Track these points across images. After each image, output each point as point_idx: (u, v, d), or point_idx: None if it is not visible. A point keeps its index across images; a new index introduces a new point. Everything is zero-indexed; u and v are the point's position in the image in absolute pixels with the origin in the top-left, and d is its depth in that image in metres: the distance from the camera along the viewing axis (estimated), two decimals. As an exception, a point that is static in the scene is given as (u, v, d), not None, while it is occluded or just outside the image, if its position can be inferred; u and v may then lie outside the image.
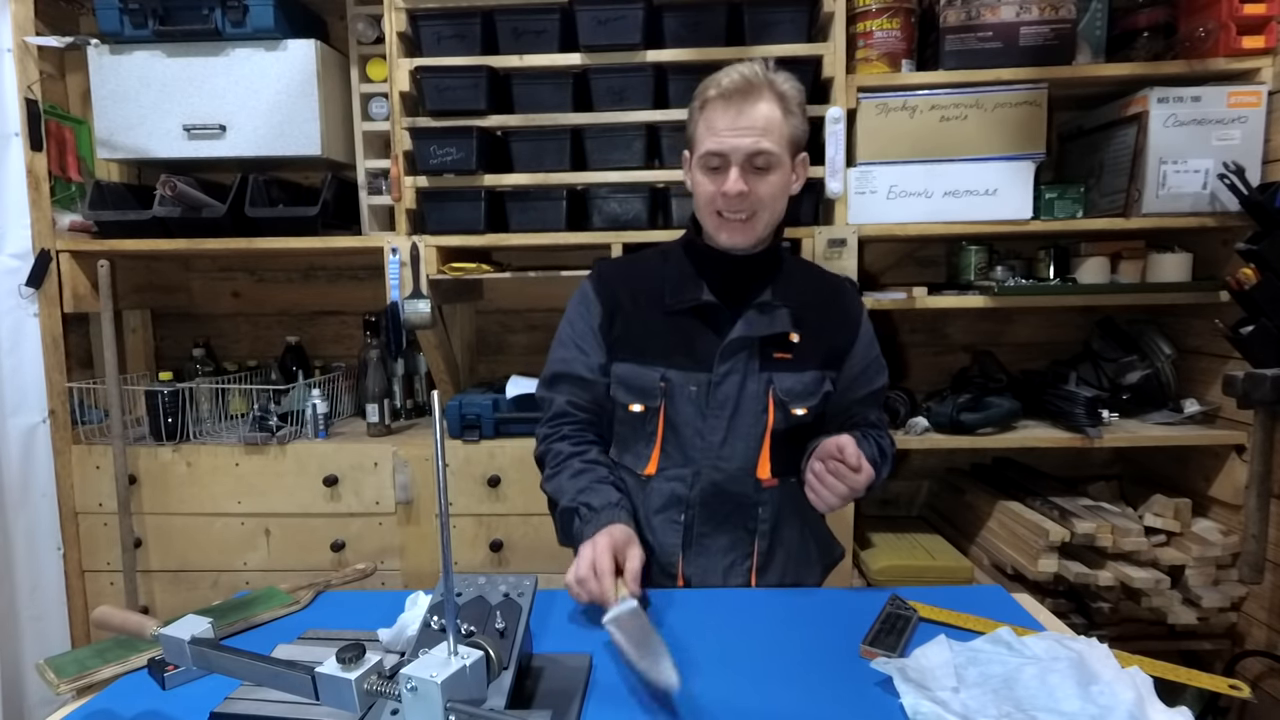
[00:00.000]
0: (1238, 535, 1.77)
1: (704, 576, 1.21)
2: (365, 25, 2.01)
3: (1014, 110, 1.82)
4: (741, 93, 1.12)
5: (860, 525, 2.04)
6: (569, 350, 1.26)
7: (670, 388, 1.20)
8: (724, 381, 1.19)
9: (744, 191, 1.13)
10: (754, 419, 1.20)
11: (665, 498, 1.22)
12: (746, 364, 1.19)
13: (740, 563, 1.22)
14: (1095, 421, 1.83)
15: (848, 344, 1.25)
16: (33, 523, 1.94)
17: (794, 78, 1.17)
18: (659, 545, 1.22)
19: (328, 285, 2.44)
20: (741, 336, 1.18)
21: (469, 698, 0.67)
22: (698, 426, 1.20)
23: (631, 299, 1.24)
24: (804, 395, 1.20)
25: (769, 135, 1.12)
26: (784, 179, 1.17)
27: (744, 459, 1.20)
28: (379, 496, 1.93)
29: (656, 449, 1.22)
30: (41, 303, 1.95)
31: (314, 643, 0.99)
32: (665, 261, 1.28)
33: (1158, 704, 0.78)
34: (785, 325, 1.19)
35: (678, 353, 1.20)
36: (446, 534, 0.69)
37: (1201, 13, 1.78)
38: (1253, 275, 1.64)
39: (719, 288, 1.21)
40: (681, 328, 1.21)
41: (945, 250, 2.22)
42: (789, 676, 0.89)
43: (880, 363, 1.29)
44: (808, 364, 1.21)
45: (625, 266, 1.35)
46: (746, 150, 1.12)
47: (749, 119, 1.11)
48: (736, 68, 1.14)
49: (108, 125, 1.99)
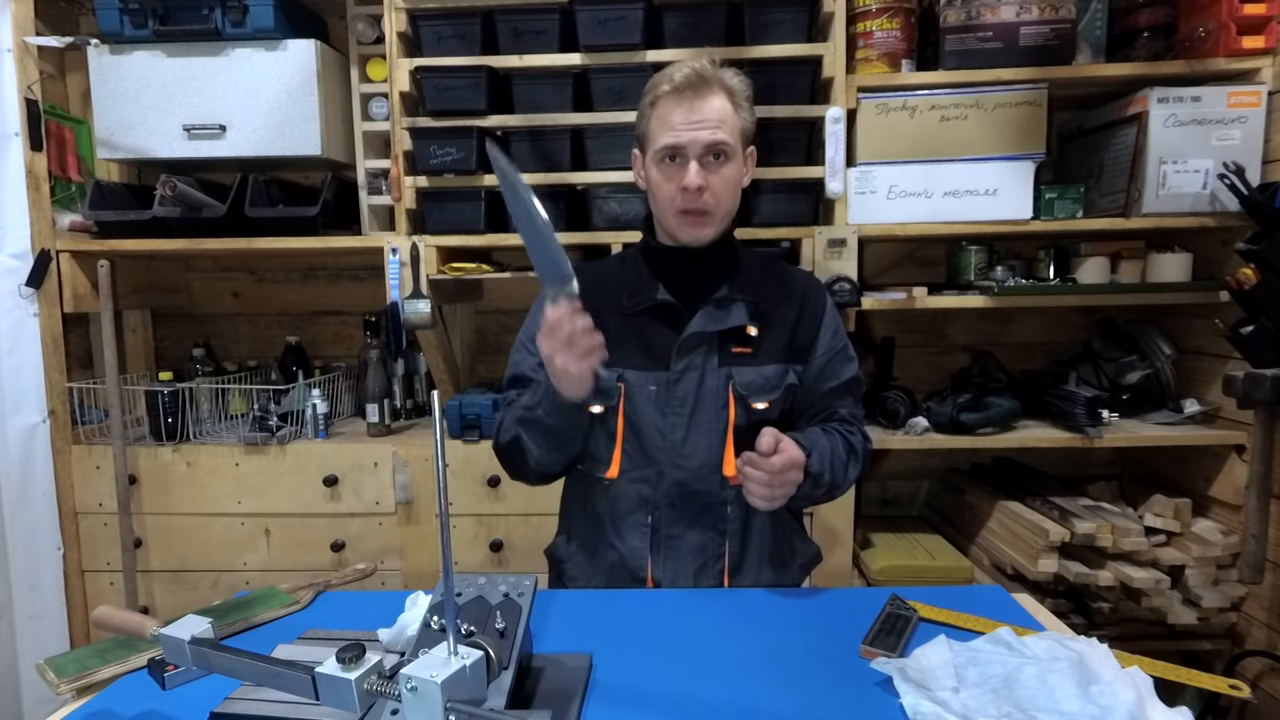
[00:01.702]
0: (1238, 535, 1.77)
1: (674, 579, 1.20)
2: (365, 25, 2.01)
3: (1014, 110, 1.82)
4: (694, 87, 1.12)
5: (860, 525, 2.04)
6: (522, 353, 1.28)
7: (628, 387, 1.20)
8: (682, 378, 1.19)
9: (703, 185, 1.13)
10: (714, 415, 1.19)
11: (631, 501, 1.21)
12: (705, 360, 1.19)
13: (712, 564, 1.21)
14: (1095, 421, 1.83)
15: (811, 336, 1.24)
16: (32, 522, 1.94)
17: (740, 73, 1.18)
18: (627, 549, 1.21)
19: (328, 285, 2.44)
20: (697, 332, 1.18)
21: (469, 698, 0.67)
22: (658, 425, 1.20)
23: (592, 304, 1.24)
24: (765, 389, 1.20)
25: (723, 127, 1.13)
26: (738, 172, 1.18)
27: (706, 456, 1.19)
28: (379, 496, 1.93)
29: (618, 450, 1.21)
30: (41, 303, 1.95)
31: (314, 643, 0.99)
32: (624, 265, 1.29)
33: (1158, 704, 0.78)
34: (741, 319, 1.19)
35: (635, 353, 1.20)
36: (446, 534, 0.69)
37: (1201, 13, 1.78)
38: (1253, 275, 1.64)
39: (675, 286, 1.21)
40: (639, 328, 1.21)
41: (945, 250, 2.22)
42: (789, 676, 0.89)
43: (848, 354, 1.27)
44: (768, 357, 1.21)
45: (586, 272, 1.34)
46: (705, 142, 1.12)
47: (703, 112, 1.12)
48: (686, 63, 1.15)
49: (108, 125, 1.99)
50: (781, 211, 1.88)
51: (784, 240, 1.91)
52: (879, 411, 1.96)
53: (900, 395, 1.96)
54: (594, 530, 1.26)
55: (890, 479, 2.37)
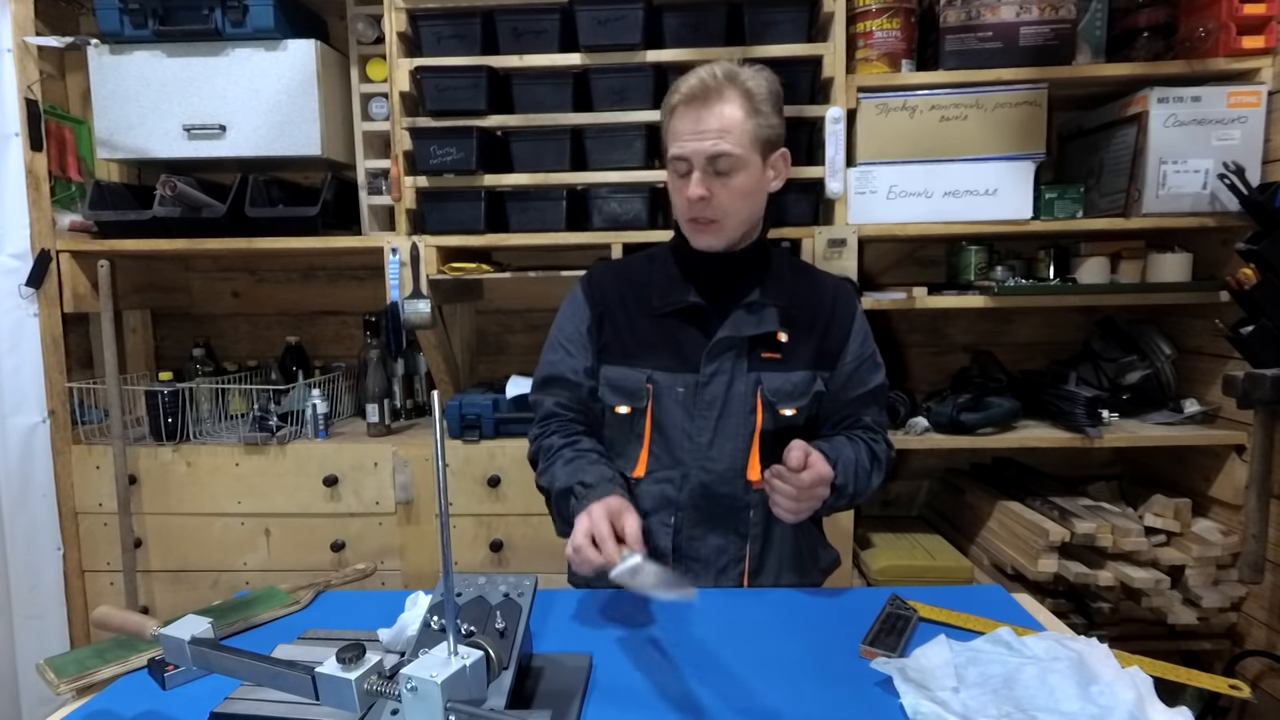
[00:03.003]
0: (1238, 535, 1.77)
1: (695, 581, 1.20)
2: (365, 25, 2.01)
3: (1014, 110, 1.82)
4: (700, 97, 1.12)
5: (860, 525, 2.04)
6: (557, 353, 1.27)
7: (657, 389, 1.20)
8: (711, 382, 1.19)
9: (704, 196, 1.13)
10: (742, 420, 1.19)
11: (654, 500, 1.22)
12: (734, 364, 1.19)
13: (732, 566, 1.21)
14: (1095, 421, 1.83)
15: (840, 343, 1.24)
16: (32, 522, 1.94)
17: (766, 73, 1.16)
18: (649, 549, 1.21)
19: (328, 285, 2.44)
20: (728, 336, 1.18)
21: (469, 698, 0.67)
22: (685, 428, 1.20)
23: (620, 303, 1.25)
24: (793, 395, 1.20)
25: (728, 137, 1.11)
26: (751, 180, 1.15)
27: (732, 460, 1.19)
28: (379, 496, 1.93)
29: (644, 451, 1.22)
30: (41, 303, 1.95)
31: (314, 643, 0.99)
32: (653, 264, 1.28)
33: (1158, 704, 0.78)
34: (773, 324, 1.19)
35: (665, 354, 1.21)
36: (446, 534, 0.69)
37: (1201, 13, 1.78)
38: (1253, 275, 1.64)
39: (706, 289, 1.21)
40: (669, 330, 1.22)
41: (945, 250, 2.22)
42: (789, 676, 0.89)
43: (875, 362, 1.27)
44: (797, 364, 1.21)
45: (616, 270, 1.35)
46: (706, 154, 1.12)
47: (706, 123, 1.11)
48: (698, 70, 1.14)
49: (108, 125, 1.99)
50: (782, 211, 1.88)
51: (784, 240, 1.92)
52: (879, 411, 1.96)
53: (900, 395, 1.96)
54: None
55: (890, 479, 2.36)
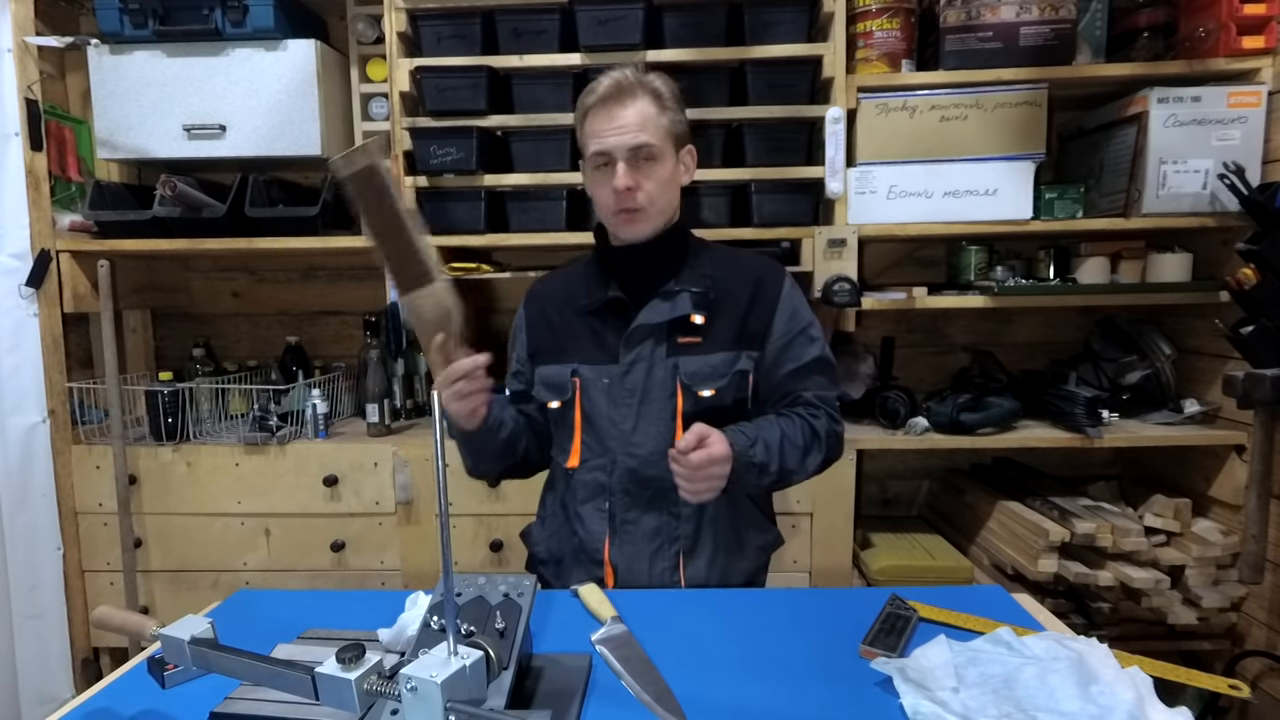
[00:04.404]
0: (1238, 535, 1.77)
1: (630, 563, 1.25)
2: (365, 25, 2.01)
3: (1014, 110, 1.82)
4: (614, 97, 1.20)
5: (860, 525, 2.04)
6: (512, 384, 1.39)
7: (583, 382, 1.27)
8: (631, 370, 1.25)
9: (631, 186, 1.19)
10: (663, 404, 1.24)
11: (589, 488, 1.27)
12: (653, 351, 1.25)
13: (667, 547, 1.25)
14: (1095, 421, 1.83)
15: (765, 321, 1.26)
16: (32, 522, 1.94)
17: (665, 77, 1.25)
18: (587, 534, 1.27)
19: (327, 285, 2.44)
20: (643, 325, 1.24)
21: (469, 698, 0.67)
22: (611, 416, 1.26)
23: (555, 308, 1.33)
24: (711, 377, 1.23)
25: (645, 129, 1.19)
26: (669, 170, 1.23)
27: (656, 443, 1.23)
28: (379, 496, 1.93)
29: (576, 442, 1.28)
30: (41, 303, 1.95)
31: (314, 643, 0.99)
32: (584, 268, 1.36)
33: (1158, 704, 0.78)
34: (686, 308, 1.23)
35: (589, 349, 1.28)
36: (446, 534, 0.69)
37: (1201, 13, 1.78)
38: (1253, 275, 1.64)
39: (627, 283, 1.27)
40: (594, 326, 1.29)
41: (945, 250, 2.22)
42: (789, 676, 0.89)
43: (809, 336, 1.28)
44: (716, 346, 1.24)
45: (555, 277, 1.42)
46: (628, 145, 1.18)
47: (624, 119, 1.19)
48: (608, 74, 1.22)
49: (108, 125, 1.99)
50: (781, 212, 1.88)
51: (784, 240, 1.92)
52: (879, 411, 1.96)
53: (900, 395, 1.96)
54: (560, 514, 1.33)
55: (890, 479, 2.37)
